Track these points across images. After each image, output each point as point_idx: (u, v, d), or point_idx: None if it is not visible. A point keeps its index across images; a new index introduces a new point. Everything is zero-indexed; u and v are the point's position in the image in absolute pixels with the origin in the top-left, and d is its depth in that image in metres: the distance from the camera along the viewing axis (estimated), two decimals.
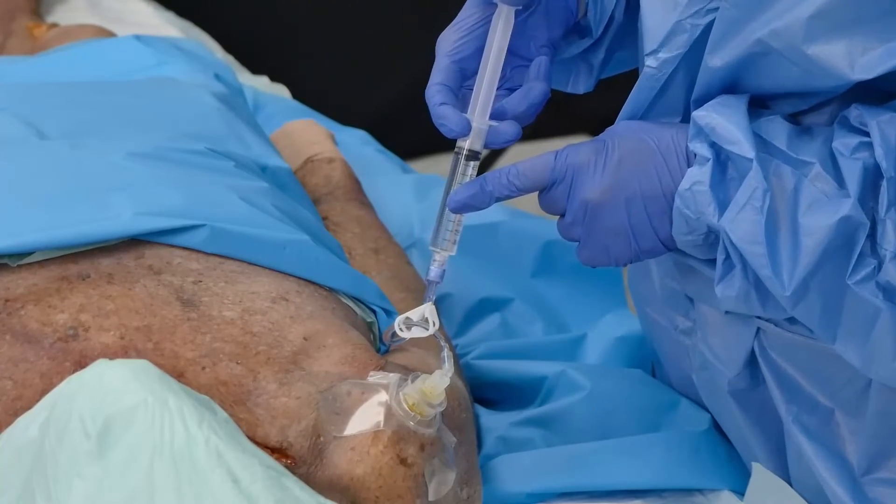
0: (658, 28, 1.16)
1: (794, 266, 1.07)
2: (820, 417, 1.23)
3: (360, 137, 2.01)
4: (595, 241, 1.17)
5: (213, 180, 1.35)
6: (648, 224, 1.15)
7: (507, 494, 1.36)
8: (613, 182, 1.14)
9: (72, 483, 1.03)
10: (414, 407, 1.15)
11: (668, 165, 1.14)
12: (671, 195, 1.13)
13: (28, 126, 1.40)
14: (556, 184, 1.16)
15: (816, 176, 1.08)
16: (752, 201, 1.08)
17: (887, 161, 1.06)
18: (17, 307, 1.18)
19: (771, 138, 1.11)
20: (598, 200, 1.15)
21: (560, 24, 1.23)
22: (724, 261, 1.12)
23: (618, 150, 1.15)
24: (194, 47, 1.89)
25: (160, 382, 1.06)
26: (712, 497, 1.38)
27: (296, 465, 1.14)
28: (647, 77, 1.17)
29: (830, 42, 1.06)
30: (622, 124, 1.18)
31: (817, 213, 1.07)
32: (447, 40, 1.20)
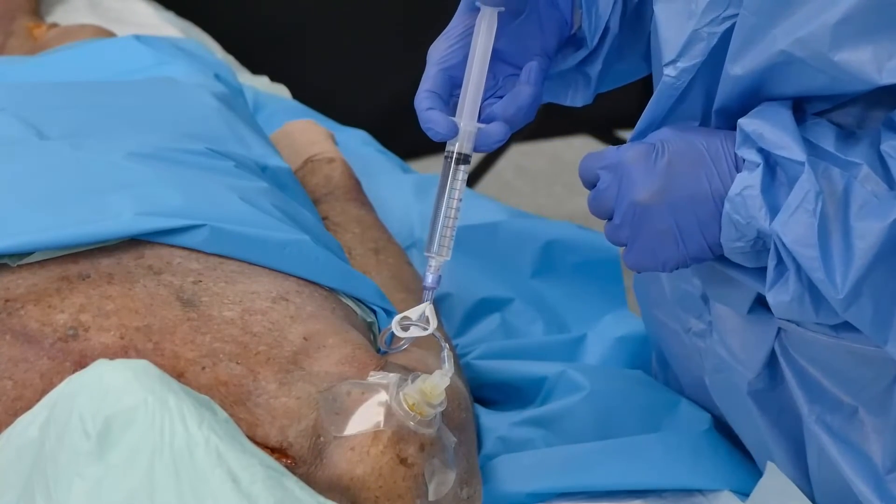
0: (675, 38, 1.16)
1: (847, 269, 1.07)
2: (843, 416, 1.22)
3: (360, 137, 2.01)
4: (642, 244, 1.16)
5: (213, 180, 1.35)
6: (697, 228, 1.14)
7: (507, 494, 1.36)
8: (663, 184, 1.14)
9: (72, 483, 1.03)
10: (414, 407, 1.15)
11: (717, 170, 1.13)
12: (721, 200, 1.13)
13: (28, 126, 1.40)
14: (607, 185, 1.16)
15: (866, 177, 1.07)
16: (805, 204, 1.07)
17: None
18: (17, 307, 1.18)
19: (818, 141, 1.10)
20: (646, 202, 1.14)
21: (554, 34, 1.23)
22: (775, 266, 1.11)
23: (667, 152, 1.14)
24: (194, 47, 1.89)
25: (160, 382, 1.06)
26: (712, 497, 1.38)
27: (296, 465, 1.14)
28: (665, 86, 1.17)
29: (857, 48, 1.06)
30: (667, 129, 1.17)
31: (869, 215, 1.06)
32: (437, 49, 1.20)
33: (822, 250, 1.07)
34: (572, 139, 3.06)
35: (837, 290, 1.07)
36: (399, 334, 1.19)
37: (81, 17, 2.25)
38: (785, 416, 1.29)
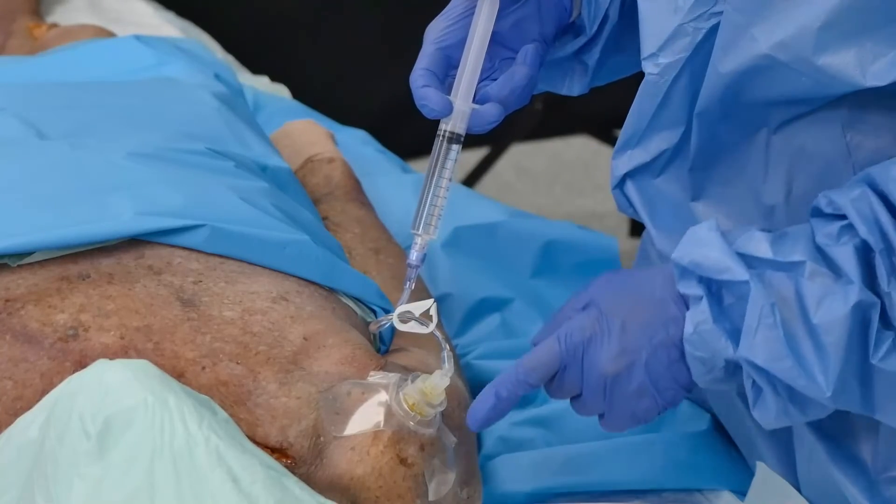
0: (658, 32, 1.16)
1: (826, 367, 1.06)
2: (834, 417, 1.22)
3: (360, 137, 2.01)
4: (620, 410, 1.16)
5: (213, 180, 1.35)
6: (668, 376, 1.14)
7: (507, 494, 1.36)
8: (625, 348, 1.13)
9: (72, 483, 1.03)
10: (414, 407, 1.15)
11: (668, 315, 1.13)
12: (681, 342, 1.12)
13: (28, 126, 1.40)
14: (567, 368, 1.15)
15: (812, 273, 1.07)
16: (764, 320, 1.07)
17: (872, 235, 1.05)
18: (18, 307, 1.18)
19: (754, 251, 1.10)
20: (615, 370, 1.13)
21: (552, 20, 1.23)
22: (752, 385, 1.11)
23: (616, 315, 1.14)
24: (194, 47, 1.89)
25: (160, 382, 1.06)
26: (712, 497, 1.38)
27: (296, 465, 1.14)
28: (649, 84, 1.17)
29: (840, 51, 1.06)
30: (605, 284, 1.17)
31: (828, 308, 1.06)
32: (435, 28, 1.20)
33: (795, 359, 1.07)
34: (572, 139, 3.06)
35: (823, 390, 1.06)
36: (399, 327, 1.19)
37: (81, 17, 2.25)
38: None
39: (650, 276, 1.15)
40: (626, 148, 1.22)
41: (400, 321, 1.19)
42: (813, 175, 1.15)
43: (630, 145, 1.22)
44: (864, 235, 1.06)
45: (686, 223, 1.19)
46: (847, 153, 1.13)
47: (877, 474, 1.21)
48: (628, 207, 1.26)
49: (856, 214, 1.06)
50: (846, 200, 1.07)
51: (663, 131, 1.20)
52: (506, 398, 1.15)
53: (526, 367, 1.15)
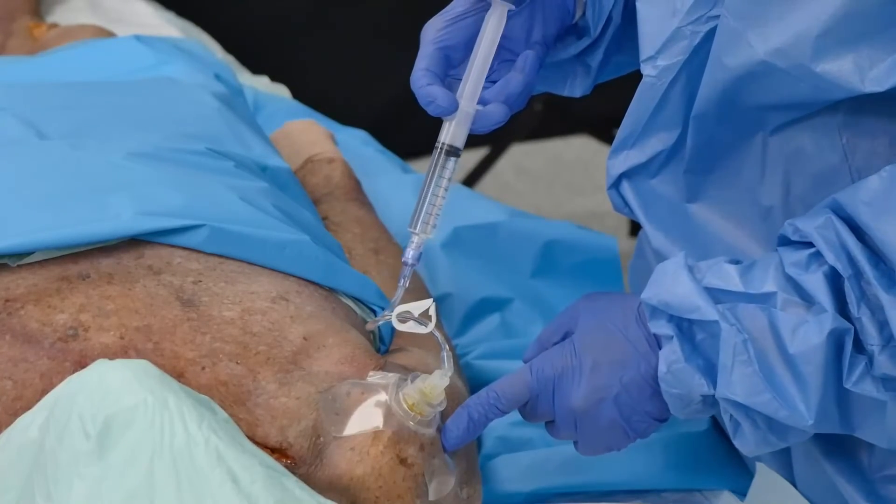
0: (656, 34, 1.16)
1: (807, 396, 1.07)
2: None
3: (361, 137, 2.01)
4: (591, 440, 1.18)
5: (213, 180, 1.35)
6: (641, 411, 1.16)
7: (507, 494, 1.36)
8: (594, 386, 1.15)
9: (72, 483, 1.03)
10: (414, 407, 1.15)
11: (640, 352, 1.14)
12: (654, 380, 1.13)
13: (28, 126, 1.40)
14: (539, 398, 1.17)
15: (784, 303, 1.08)
16: (738, 357, 1.08)
17: (840, 262, 1.06)
18: (17, 307, 1.18)
19: (724, 285, 1.10)
20: (584, 407, 1.16)
21: (555, 23, 1.23)
22: (730, 419, 1.12)
23: (589, 352, 1.15)
24: (194, 47, 1.89)
25: (160, 382, 1.06)
26: (712, 497, 1.38)
27: (296, 466, 1.14)
28: (646, 86, 1.17)
29: (838, 58, 1.06)
30: (586, 311, 1.18)
31: (803, 337, 1.06)
32: (432, 28, 1.20)
33: (775, 391, 1.07)
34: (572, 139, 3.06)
35: (806, 418, 1.07)
36: (398, 327, 1.19)
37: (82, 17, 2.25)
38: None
39: (627, 309, 1.16)
40: (622, 149, 1.22)
41: (399, 321, 1.19)
42: (810, 176, 1.16)
43: (626, 146, 1.22)
44: (832, 262, 1.06)
45: (681, 223, 1.19)
46: (844, 155, 1.13)
47: (873, 473, 1.21)
48: (623, 207, 1.26)
49: (822, 242, 1.07)
50: (811, 228, 1.08)
51: (660, 133, 1.20)
52: (477, 420, 1.17)
53: (497, 392, 1.18)
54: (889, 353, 1.05)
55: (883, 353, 1.05)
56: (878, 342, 1.05)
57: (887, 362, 1.05)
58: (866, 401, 1.08)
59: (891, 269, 1.05)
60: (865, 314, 1.06)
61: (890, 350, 1.05)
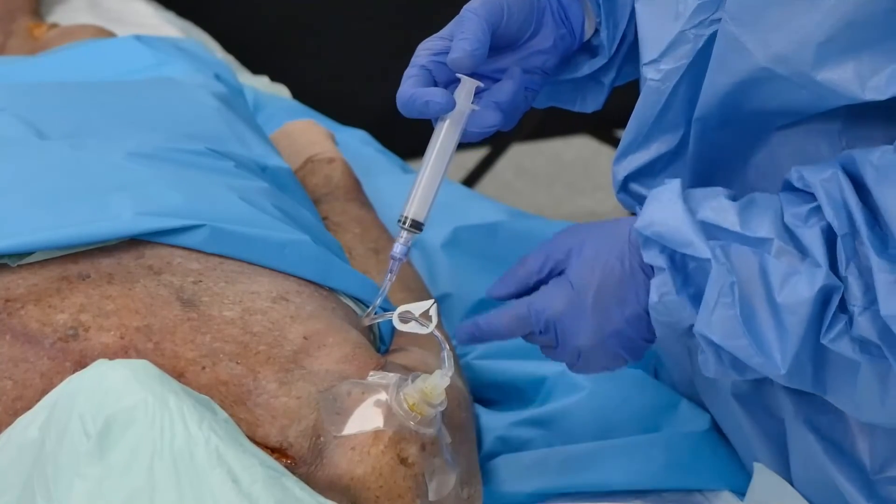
0: (658, 38, 1.15)
1: (784, 345, 1.07)
2: (831, 417, 1.23)
3: (361, 137, 2.01)
4: (591, 367, 1.20)
5: (213, 180, 1.35)
6: (640, 341, 1.17)
7: (507, 494, 1.36)
8: (599, 325, 1.16)
9: (72, 483, 1.03)
10: (414, 407, 1.15)
11: (637, 283, 1.15)
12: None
13: (28, 126, 1.40)
14: (540, 334, 1.18)
15: (779, 251, 1.07)
16: (722, 298, 1.08)
17: (838, 219, 1.06)
18: (18, 307, 1.18)
19: (720, 221, 1.10)
20: (590, 345, 1.17)
21: (557, 54, 1.23)
22: (699, 349, 1.13)
23: (590, 290, 1.16)
24: (194, 47, 1.89)
25: (160, 382, 1.06)
26: (712, 497, 1.38)
27: (296, 465, 1.14)
28: (651, 90, 1.16)
29: (839, 66, 1.06)
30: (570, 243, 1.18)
31: (793, 288, 1.06)
32: (428, 45, 1.20)
33: (752, 337, 1.08)
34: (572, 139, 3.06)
35: (779, 367, 1.07)
36: (401, 328, 1.19)
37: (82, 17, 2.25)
38: (768, 417, 1.29)
39: (619, 237, 1.15)
40: (627, 153, 1.22)
41: (401, 321, 1.19)
42: None
43: (631, 150, 1.22)
44: (830, 219, 1.06)
45: None
46: None
47: (874, 474, 1.21)
48: (635, 205, 1.26)
49: (825, 196, 1.07)
50: (816, 180, 1.07)
51: (663, 135, 1.20)
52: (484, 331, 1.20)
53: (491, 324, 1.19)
54: (870, 315, 1.05)
55: (864, 314, 1.05)
56: (860, 303, 1.06)
57: (867, 324, 1.05)
58: (841, 361, 1.08)
59: (885, 234, 1.05)
60: (853, 274, 1.06)
61: (871, 313, 1.05)
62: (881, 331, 1.05)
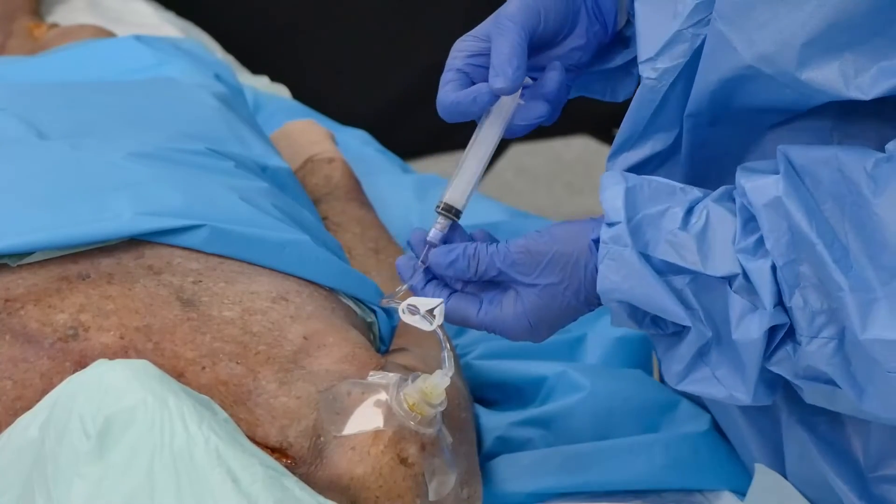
0: (656, 36, 1.15)
1: (744, 380, 1.09)
2: (826, 417, 1.23)
3: (360, 137, 2.01)
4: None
5: (213, 180, 1.35)
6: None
7: (507, 494, 1.36)
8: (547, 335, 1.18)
9: (72, 483, 1.03)
10: (414, 407, 1.15)
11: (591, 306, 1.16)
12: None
13: (28, 126, 1.40)
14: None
15: (740, 287, 1.08)
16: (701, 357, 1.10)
17: (778, 248, 1.06)
18: (17, 307, 1.18)
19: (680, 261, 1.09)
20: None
21: (591, 50, 1.23)
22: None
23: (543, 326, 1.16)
24: (194, 47, 1.89)
25: (160, 382, 1.06)
26: (712, 497, 1.38)
27: (296, 465, 1.14)
28: (647, 89, 1.16)
29: (823, 66, 1.06)
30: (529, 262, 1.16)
31: (746, 327, 1.07)
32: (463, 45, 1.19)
33: (725, 383, 1.09)
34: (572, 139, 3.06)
35: (743, 400, 1.09)
36: (405, 319, 1.18)
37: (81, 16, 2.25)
38: (763, 416, 1.29)
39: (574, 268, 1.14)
40: (621, 151, 1.22)
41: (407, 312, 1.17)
42: None
43: (625, 148, 1.22)
44: (770, 248, 1.06)
45: None
46: None
47: (868, 472, 1.21)
48: None
49: (766, 223, 1.06)
50: (759, 204, 1.06)
51: (658, 133, 1.20)
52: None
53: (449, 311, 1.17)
54: (818, 344, 1.05)
55: (811, 344, 1.06)
56: (807, 333, 1.06)
57: (814, 353, 1.06)
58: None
59: (847, 248, 1.04)
60: (798, 305, 1.06)
61: (820, 341, 1.05)
62: (829, 358, 1.05)
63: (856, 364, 1.04)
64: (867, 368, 1.03)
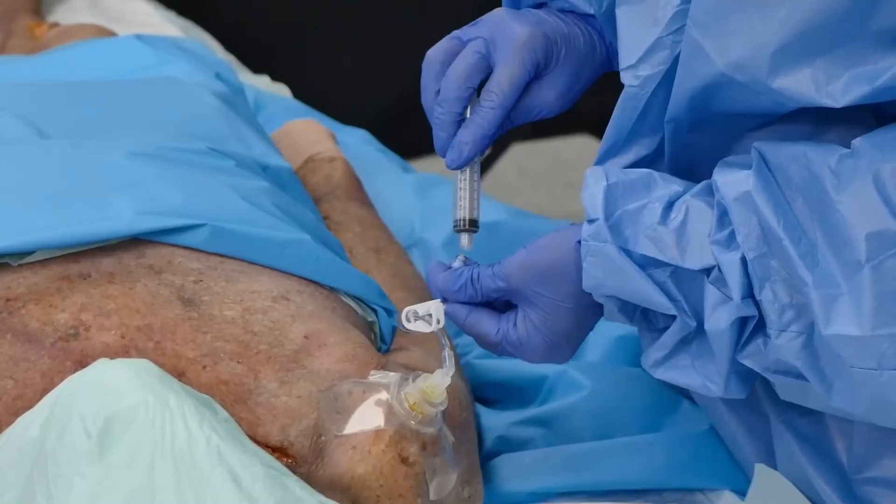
0: (637, 43, 1.15)
1: (717, 370, 1.10)
2: (811, 419, 1.23)
3: (361, 137, 2.01)
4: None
5: (214, 180, 1.35)
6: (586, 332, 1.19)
7: (508, 494, 1.36)
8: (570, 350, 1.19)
9: (72, 482, 1.03)
10: (415, 406, 1.15)
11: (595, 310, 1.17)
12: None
13: (29, 126, 1.40)
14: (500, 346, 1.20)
15: (714, 279, 1.08)
16: (682, 346, 1.11)
17: (749, 241, 1.06)
18: (18, 306, 1.18)
19: (660, 255, 1.09)
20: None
21: (589, 80, 1.25)
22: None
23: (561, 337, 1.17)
24: (195, 47, 1.89)
25: (161, 382, 1.06)
26: (712, 497, 1.38)
27: (297, 465, 1.14)
28: (629, 97, 1.16)
29: (795, 73, 1.05)
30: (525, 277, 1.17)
31: (717, 318, 1.08)
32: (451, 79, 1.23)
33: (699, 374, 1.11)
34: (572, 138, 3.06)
35: (716, 391, 1.10)
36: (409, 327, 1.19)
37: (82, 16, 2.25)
38: (753, 417, 1.29)
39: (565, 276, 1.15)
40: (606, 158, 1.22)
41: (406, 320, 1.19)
42: None
43: (610, 155, 1.22)
44: (741, 241, 1.06)
45: None
46: None
47: (852, 474, 1.21)
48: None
49: (737, 217, 1.07)
50: (730, 199, 1.07)
51: (642, 139, 1.20)
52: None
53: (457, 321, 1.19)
54: (787, 337, 1.06)
55: (780, 337, 1.06)
56: (776, 326, 1.06)
57: (783, 346, 1.06)
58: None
59: (813, 244, 1.04)
60: (767, 298, 1.06)
61: (790, 335, 1.06)
62: (798, 352, 1.06)
63: (823, 359, 1.05)
64: (833, 364, 1.04)
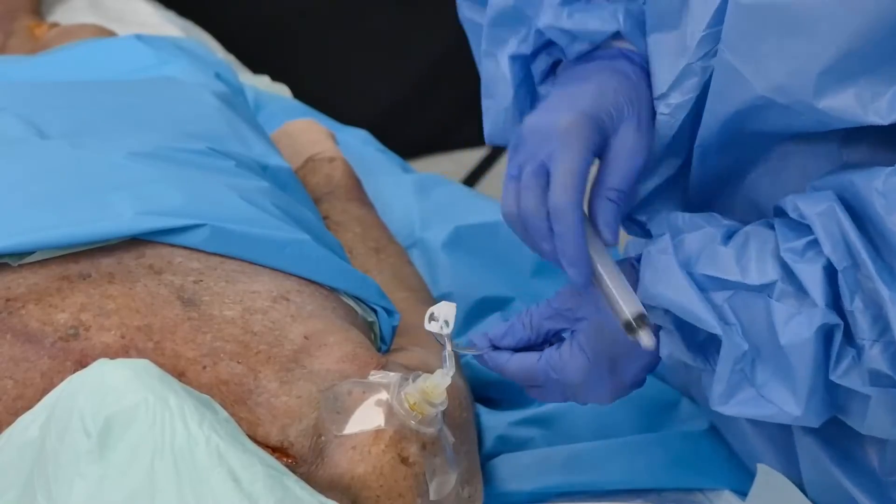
0: (668, 72, 1.14)
1: (795, 390, 1.07)
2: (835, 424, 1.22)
3: (361, 137, 2.02)
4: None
5: (213, 180, 1.35)
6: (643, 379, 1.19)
7: (508, 493, 1.36)
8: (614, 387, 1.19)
9: (72, 482, 1.03)
10: (415, 406, 1.15)
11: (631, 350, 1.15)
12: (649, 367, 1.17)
13: (29, 126, 1.40)
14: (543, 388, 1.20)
15: (781, 293, 1.07)
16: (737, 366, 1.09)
17: (837, 253, 1.05)
18: (18, 306, 1.18)
19: (721, 273, 1.09)
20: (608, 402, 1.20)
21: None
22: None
23: (604, 358, 1.16)
24: (195, 47, 1.89)
25: (161, 382, 1.06)
26: (712, 497, 1.38)
27: (297, 465, 1.14)
28: (661, 125, 1.15)
29: (840, 93, 1.05)
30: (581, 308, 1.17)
31: (794, 330, 1.06)
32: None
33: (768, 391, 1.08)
34: None
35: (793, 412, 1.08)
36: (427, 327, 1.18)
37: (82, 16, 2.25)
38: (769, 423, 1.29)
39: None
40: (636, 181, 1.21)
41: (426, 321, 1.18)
42: None
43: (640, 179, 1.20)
44: (829, 253, 1.06)
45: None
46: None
47: (884, 476, 1.21)
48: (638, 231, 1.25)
49: (822, 230, 1.06)
50: (813, 213, 1.07)
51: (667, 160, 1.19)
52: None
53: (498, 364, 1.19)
54: (881, 347, 1.05)
55: (874, 347, 1.05)
56: (869, 336, 1.05)
57: (878, 357, 1.05)
58: (850, 394, 1.08)
59: (891, 264, 1.04)
60: (858, 308, 1.05)
61: (882, 344, 1.05)
62: (892, 361, 1.05)
63: None
64: None
